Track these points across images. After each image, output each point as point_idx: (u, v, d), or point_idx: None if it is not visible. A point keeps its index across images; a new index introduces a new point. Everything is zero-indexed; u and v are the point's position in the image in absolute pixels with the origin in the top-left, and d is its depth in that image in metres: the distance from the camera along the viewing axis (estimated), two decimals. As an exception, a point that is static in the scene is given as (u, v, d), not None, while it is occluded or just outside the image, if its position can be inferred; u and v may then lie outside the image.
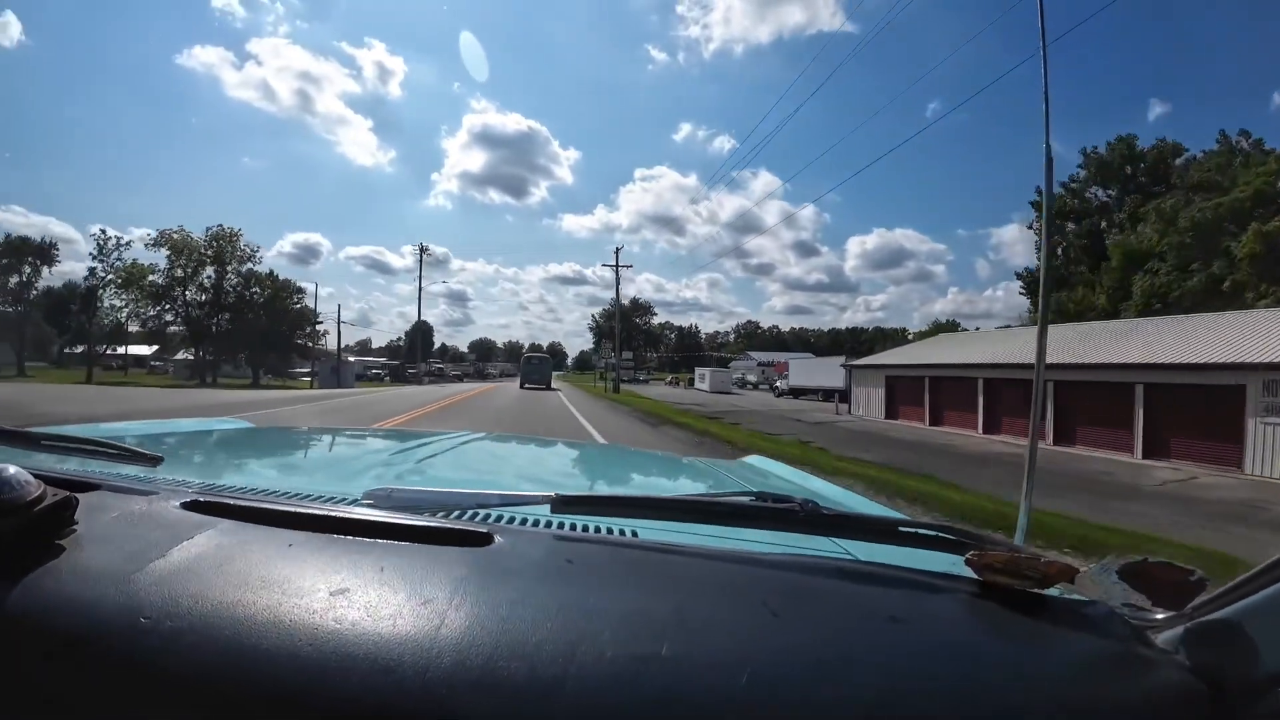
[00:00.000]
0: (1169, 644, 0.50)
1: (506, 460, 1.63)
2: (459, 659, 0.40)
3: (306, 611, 0.43)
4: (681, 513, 0.70)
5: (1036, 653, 0.50)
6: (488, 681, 0.39)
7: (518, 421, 13.79)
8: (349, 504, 0.69)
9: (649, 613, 0.46)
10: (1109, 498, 8.80)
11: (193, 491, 0.66)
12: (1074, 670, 0.47)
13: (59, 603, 0.43)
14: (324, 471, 1.21)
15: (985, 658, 0.48)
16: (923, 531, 0.66)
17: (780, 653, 0.44)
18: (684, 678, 0.40)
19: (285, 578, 0.47)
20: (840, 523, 0.70)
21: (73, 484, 0.57)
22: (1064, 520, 5.89)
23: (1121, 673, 0.47)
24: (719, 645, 0.44)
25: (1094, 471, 11.70)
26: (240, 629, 0.42)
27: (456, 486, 0.74)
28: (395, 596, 0.45)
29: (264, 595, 0.45)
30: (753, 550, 0.63)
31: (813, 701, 0.40)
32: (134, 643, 0.41)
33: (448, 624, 0.43)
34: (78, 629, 0.42)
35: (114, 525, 0.54)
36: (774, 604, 0.50)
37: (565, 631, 0.43)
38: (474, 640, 0.41)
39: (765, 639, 0.45)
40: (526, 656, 0.40)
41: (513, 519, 0.70)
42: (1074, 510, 6.75)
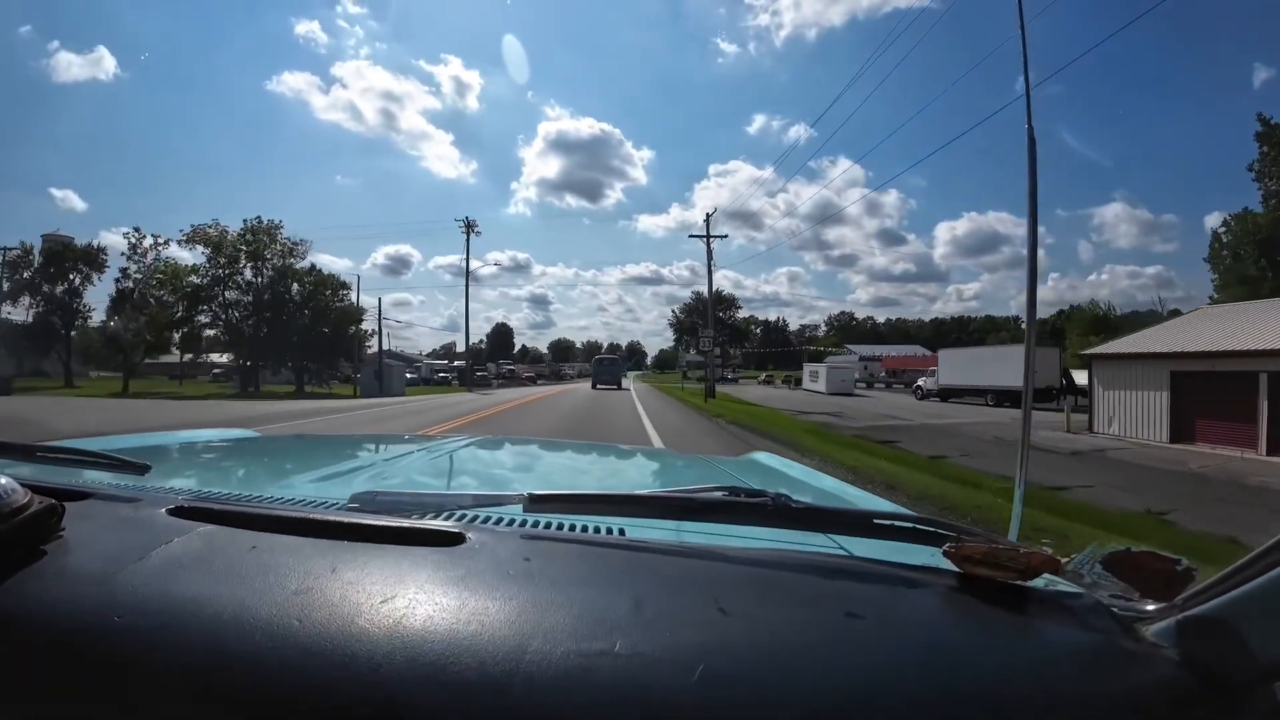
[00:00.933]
0: (1159, 637, 0.48)
1: (494, 462, 1.63)
2: (412, 656, 0.41)
3: (270, 609, 0.45)
4: (652, 508, 0.70)
5: (1018, 646, 0.48)
6: (438, 678, 0.39)
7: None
8: (337, 508, 0.71)
9: (607, 608, 0.47)
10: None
11: (180, 498, 0.67)
12: (1059, 665, 0.46)
13: (41, 605, 0.45)
14: (315, 477, 1.21)
15: (962, 652, 0.47)
16: (899, 524, 0.65)
17: (737, 649, 0.43)
18: (635, 674, 0.40)
19: (252, 578, 0.49)
20: (811, 516, 0.69)
21: (61, 493, 0.59)
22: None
23: (1110, 667, 0.46)
24: (674, 641, 0.43)
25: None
26: (206, 626, 0.43)
27: (442, 488, 0.77)
28: (356, 595, 0.46)
29: (231, 594, 0.46)
30: (724, 545, 0.63)
31: (765, 699, 0.40)
32: (108, 641, 0.43)
33: (405, 622, 0.44)
34: (58, 629, 0.44)
35: (99, 531, 0.56)
36: (735, 599, 0.49)
37: (520, 628, 0.44)
38: (429, 638, 0.42)
39: (723, 635, 0.45)
40: (477, 653, 0.41)
41: (486, 518, 0.70)
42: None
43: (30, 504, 0.50)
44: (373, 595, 0.46)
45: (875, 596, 0.53)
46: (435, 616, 0.44)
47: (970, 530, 0.63)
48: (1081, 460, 11.31)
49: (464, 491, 0.71)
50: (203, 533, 0.56)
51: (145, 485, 0.80)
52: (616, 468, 1.74)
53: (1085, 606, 0.53)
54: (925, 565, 0.58)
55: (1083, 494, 7.48)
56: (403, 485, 1.05)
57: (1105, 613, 0.51)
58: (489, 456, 1.69)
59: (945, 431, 15.04)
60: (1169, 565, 0.53)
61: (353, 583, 0.48)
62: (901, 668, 0.44)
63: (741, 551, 0.60)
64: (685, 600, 0.49)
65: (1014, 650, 0.47)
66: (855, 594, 0.53)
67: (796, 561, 0.59)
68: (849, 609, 0.49)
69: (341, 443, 1.90)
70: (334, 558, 0.52)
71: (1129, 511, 6.61)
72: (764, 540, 0.66)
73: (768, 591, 0.53)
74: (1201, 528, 5.83)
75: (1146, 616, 0.50)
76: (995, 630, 0.50)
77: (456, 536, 0.57)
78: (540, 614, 0.45)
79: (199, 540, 0.55)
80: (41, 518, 0.51)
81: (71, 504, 0.57)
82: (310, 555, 0.53)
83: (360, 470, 1.21)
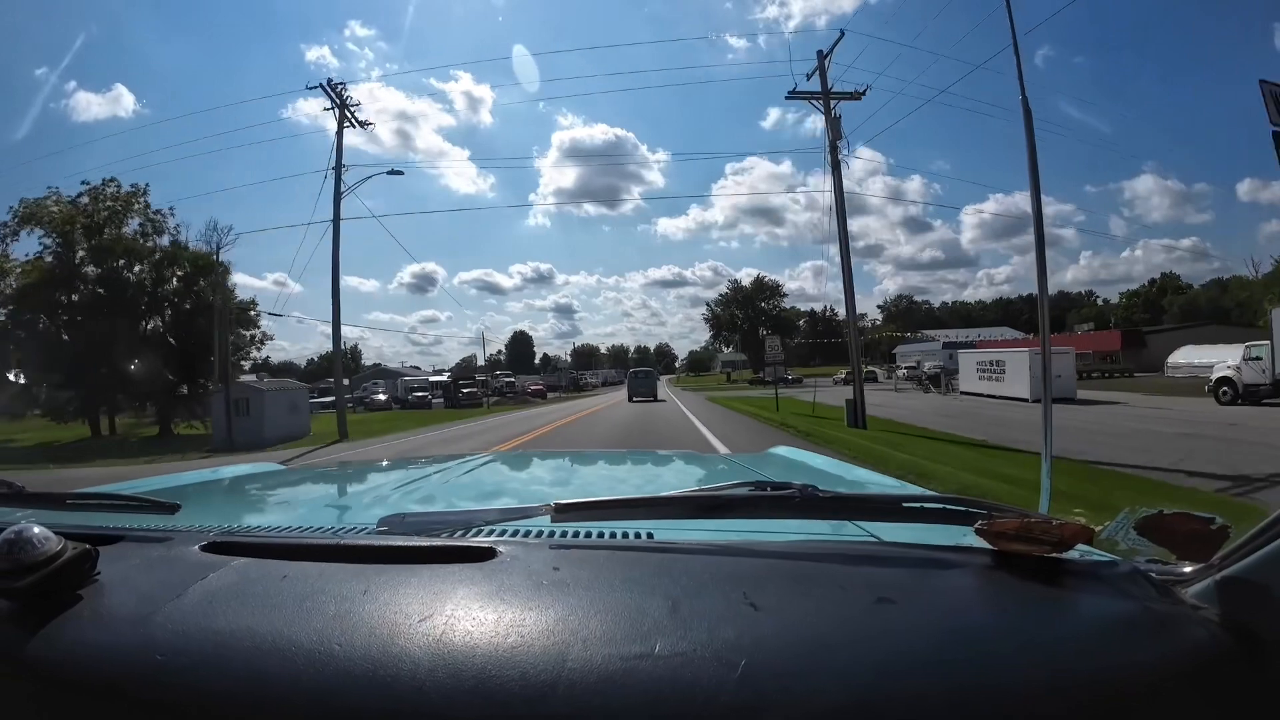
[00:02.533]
0: (1198, 598, 0.48)
1: (518, 477, 1.64)
2: (454, 672, 0.41)
3: (309, 636, 0.45)
4: (680, 509, 0.70)
5: (1056, 618, 0.48)
6: (482, 692, 0.40)
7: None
8: (365, 533, 0.71)
9: (642, 611, 0.47)
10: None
11: (211, 535, 0.68)
12: (1098, 633, 0.45)
13: (79, 650, 0.46)
14: (341, 504, 1.23)
15: (1000, 628, 0.47)
16: (928, 506, 0.65)
17: (776, 642, 0.44)
18: (677, 674, 0.41)
19: (290, 606, 0.49)
20: (839, 504, 0.69)
21: (95, 537, 0.60)
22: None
23: (1149, 631, 0.45)
24: (713, 639, 0.43)
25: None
26: (248, 658, 0.44)
27: (468, 506, 0.78)
28: (394, 616, 0.47)
29: (270, 624, 0.47)
30: (753, 541, 0.63)
31: (808, 690, 0.40)
32: (151, 681, 0.43)
33: (444, 639, 0.44)
34: (98, 672, 0.44)
35: (133, 572, 0.57)
36: (769, 593, 0.50)
37: (558, 636, 0.44)
38: (469, 653, 0.43)
39: (761, 629, 0.45)
40: (519, 664, 0.41)
41: (515, 531, 0.70)
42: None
43: (64, 550, 0.51)
44: (409, 615, 0.47)
45: (908, 580, 0.53)
46: (473, 631, 0.45)
47: (1001, 507, 0.62)
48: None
49: (490, 507, 0.72)
50: (236, 566, 0.57)
51: (175, 524, 0.81)
52: (639, 472, 1.74)
53: (1121, 574, 0.52)
54: (957, 545, 0.59)
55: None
56: (428, 506, 1.06)
57: (1142, 578, 0.51)
58: (511, 471, 1.69)
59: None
60: (1203, 525, 0.52)
61: (388, 604, 0.49)
62: (939, 648, 0.44)
63: (771, 545, 0.60)
64: (720, 598, 0.49)
65: (1052, 622, 0.47)
66: (888, 579, 0.53)
67: (827, 551, 0.59)
68: (882, 594, 0.50)
69: (365, 469, 1.90)
70: (367, 580, 0.53)
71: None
72: (792, 533, 0.66)
73: (801, 583, 0.53)
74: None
75: (1184, 579, 0.50)
76: (1032, 604, 0.50)
77: (487, 552, 0.58)
78: (577, 621, 0.45)
79: (233, 574, 0.56)
80: (76, 563, 0.52)
81: (104, 548, 0.58)
82: (344, 580, 0.53)
83: (385, 494, 1.21)
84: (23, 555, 0.49)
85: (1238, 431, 11.28)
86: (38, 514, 0.80)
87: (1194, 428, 11.97)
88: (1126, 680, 0.41)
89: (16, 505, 0.85)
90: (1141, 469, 7.64)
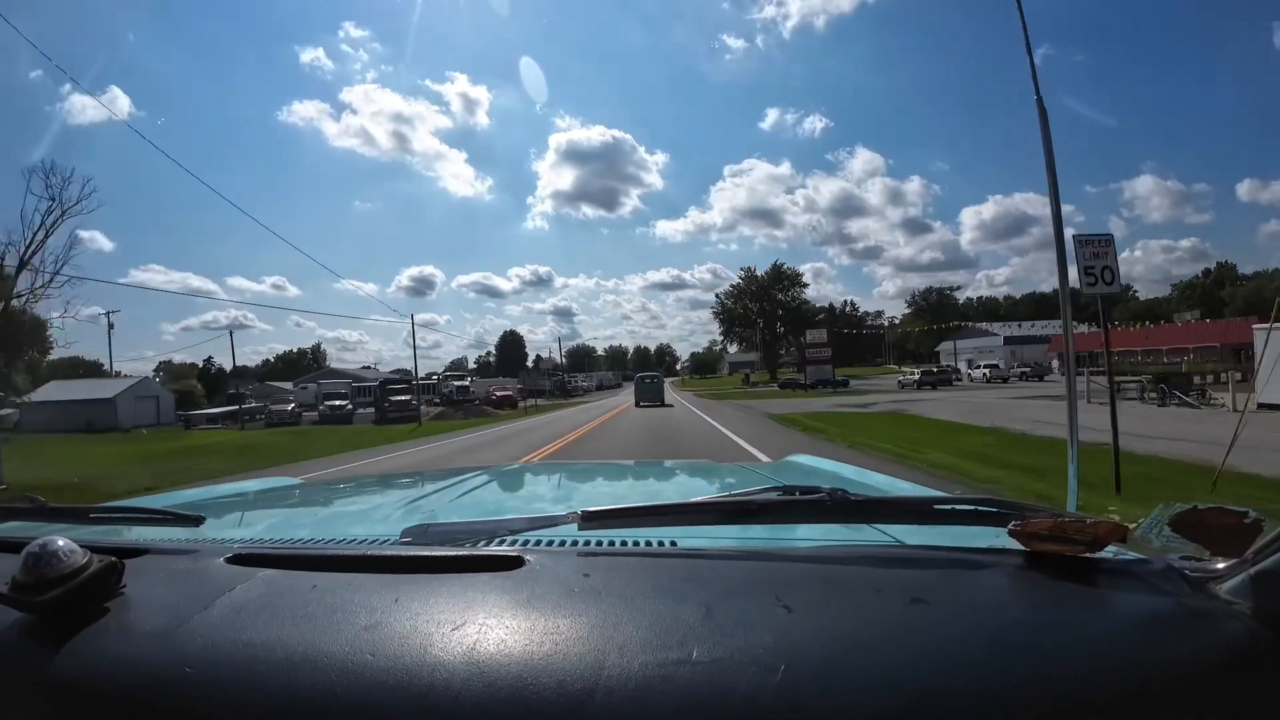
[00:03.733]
0: (1233, 594, 0.47)
1: (538, 486, 1.63)
2: (489, 681, 0.41)
3: (341, 647, 0.45)
4: (708, 515, 0.69)
5: (1092, 618, 0.48)
6: (518, 700, 0.40)
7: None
8: (390, 544, 0.71)
9: (678, 618, 0.47)
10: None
11: (235, 547, 0.68)
12: (1134, 632, 0.45)
13: (107, 662, 0.45)
14: (364, 516, 1.23)
15: (1035, 629, 0.47)
16: (960, 507, 0.65)
17: (814, 646, 0.43)
18: (716, 679, 0.40)
19: (320, 617, 0.49)
20: (871, 507, 0.68)
21: (119, 550, 0.59)
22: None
23: (1186, 629, 0.45)
24: (751, 643, 0.43)
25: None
26: (280, 669, 0.43)
27: (491, 516, 0.77)
28: (426, 626, 0.47)
29: (300, 635, 0.47)
30: (785, 546, 0.62)
31: (848, 693, 0.40)
32: (181, 693, 0.43)
33: (478, 648, 0.44)
34: (126, 685, 0.44)
35: (159, 585, 0.57)
36: (802, 597, 0.49)
37: (594, 644, 0.44)
38: (504, 661, 0.42)
39: (798, 633, 0.45)
40: (555, 672, 0.41)
41: (541, 540, 0.70)
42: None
43: (90, 563, 0.51)
44: (442, 624, 0.46)
45: (941, 582, 0.53)
46: (507, 640, 0.44)
47: (1034, 507, 0.61)
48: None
49: (515, 515, 0.71)
50: (263, 577, 0.57)
51: (200, 536, 0.81)
52: (660, 480, 1.73)
53: (1155, 571, 0.52)
54: (988, 547, 0.58)
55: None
56: (452, 516, 1.05)
57: (1176, 575, 0.51)
58: (532, 480, 1.69)
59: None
60: (1237, 519, 0.52)
61: (420, 614, 0.48)
62: (979, 648, 0.43)
63: (800, 550, 0.60)
64: (754, 603, 0.49)
65: (1089, 621, 0.47)
66: (921, 581, 0.53)
67: (858, 555, 0.59)
68: (916, 595, 0.49)
69: (386, 482, 1.88)
70: (397, 590, 0.53)
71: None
72: (817, 539, 0.65)
73: (833, 586, 0.53)
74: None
75: (1218, 575, 0.50)
76: (1068, 603, 0.49)
77: (515, 560, 0.57)
78: (611, 628, 0.45)
79: (261, 585, 0.55)
80: (101, 576, 0.52)
81: (130, 560, 0.58)
82: (373, 591, 0.53)
83: (407, 506, 1.20)
84: (48, 569, 0.49)
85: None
86: (60, 528, 0.79)
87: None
88: (1163, 677, 0.41)
89: (39, 519, 0.85)
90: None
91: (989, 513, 0.61)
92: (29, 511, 0.84)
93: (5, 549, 0.66)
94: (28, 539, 0.53)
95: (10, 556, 0.54)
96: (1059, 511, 0.59)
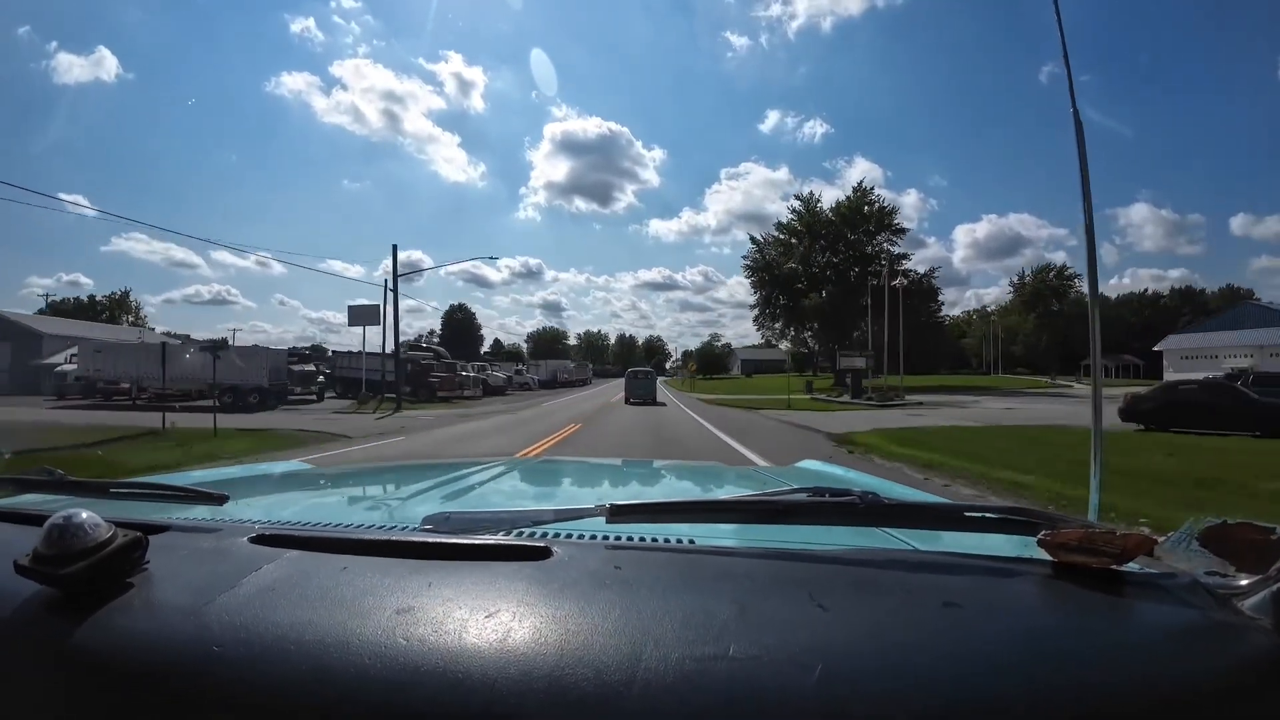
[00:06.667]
0: (1255, 610, 0.48)
1: (559, 479, 1.62)
2: (525, 670, 0.41)
3: (373, 631, 0.44)
4: (737, 514, 0.69)
5: (1117, 630, 0.48)
6: (555, 689, 0.39)
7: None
8: (413, 529, 0.70)
9: (712, 614, 0.47)
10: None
11: (258, 527, 0.68)
12: (1158, 645, 0.46)
13: (132, 638, 0.45)
14: (384, 502, 1.23)
15: (1063, 639, 0.47)
16: (990, 515, 0.65)
17: (850, 646, 0.43)
18: (753, 676, 0.40)
19: (351, 600, 0.49)
20: (903, 512, 0.68)
21: (143, 526, 0.59)
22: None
23: (1208, 644, 0.46)
24: (787, 641, 0.43)
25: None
26: (310, 651, 0.43)
27: (512, 506, 0.78)
28: (459, 612, 0.46)
29: (331, 618, 0.46)
30: (811, 547, 0.62)
31: (885, 694, 0.40)
32: (208, 672, 0.42)
33: (512, 636, 0.44)
34: (151, 662, 0.43)
35: (184, 562, 0.57)
36: (835, 597, 0.50)
37: (628, 636, 0.43)
38: (539, 650, 0.42)
39: (834, 633, 0.45)
40: (591, 663, 0.41)
41: (569, 533, 0.69)
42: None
43: (114, 538, 0.51)
44: (475, 610, 0.46)
45: (971, 588, 0.53)
46: (542, 628, 0.44)
47: (1063, 518, 0.62)
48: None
49: (541, 507, 0.70)
50: (290, 558, 0.57)
51: (223, 515, 0.80)
52: (675, 481, 1.72)
53: (1181, 585, 0.52)
54: (1017, 556, 0.59)
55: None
56: (470, 506, 1.04)
57: (1201, 590, 0.52)
58: (552, 473, 1.69)
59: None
60: (1264, 536, 0.52)
61: (451, 599, 0.48)
62: (1012, 652, 0.44)
63: (830, 551, 0.60)
64: (788, 602, 0.49)
65: (1113, 634, 0.47)
66: (951, 586, 0.53)
67: (888, 558, 0.59)
68: (946, 600, 0.49)
69: (402, 470, 1.90)
70: (428, 576, 0.52)
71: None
72: (836, 543, 0.65)
73: (865, 588, 0.53)
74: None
75: (1241, 591, 0.50)
76: (1093, 615, 0.50)
77: (542, 551, 0.57)
78: (645, 622, 0.45)
79: (289, 566, 0.55)
80: (126, 551, 0.51)
81: (153, 537, 0.57)
82: (403, 575, 0.53)
83: (426, 493, 1.20)
84: (73, 541, 0.48)
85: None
86: (81, 502, 0.78)
87: None
88: (1186, 691, 0.42)
89: (57, 492, 0.84)
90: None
91: (1019, 522, 0.62)
92: (49, 484, 0.83)
93: (26, 521, 0.65)
94: (48, 512, 0.52)
95: (31, 529, 0.54)
96: (1089, 523, 0.60)
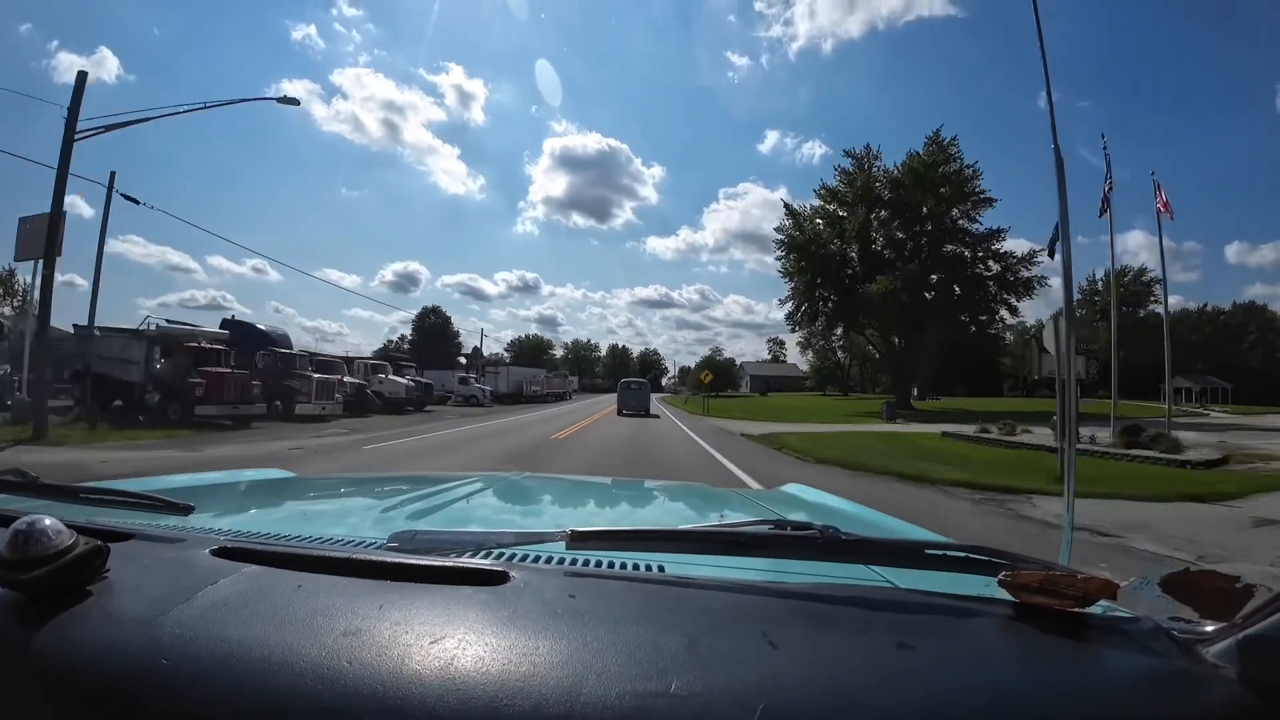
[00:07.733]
0: (1220, 657, 0.47)
1: (531, 499, 1.60)
2: (464, 699, 0.40)
3: (319, 652, 0.44)
4: (699, 544, 0.69)
5: (1078, 674, 0.47)
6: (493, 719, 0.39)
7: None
8: (376, 547, 0.70)
9: (660, 647, 0.46)
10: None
11: (222, 539, 0.68)
12: (1120, 691, 0.45)
13: (86, 647, 0.45)
14: (353, 517, 1.22)
15: (1020, 682, 0.46)
16: (951, 554, 0.64)
17: (795, 685, 0.43)
18: (695, 715, 0.40)
19: (301, 620, 0.48)
20: (861, 547, 0.68)
21: (106, 534, 0.59)
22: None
23: (1171, 691, 0.45)
24: (731, 679, 0.43)
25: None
26: (256, 669, 0.43)
27: (479, 527, 0.78)
28: (405, 636, 0.46)
29: (280, 636, 0.46)
30: (775, 580, 0.62)
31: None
32: (155, 685, 0.42)
33: (455, 664, 0.43)
34: (101, 672, 0.43)
35: (144, 572, 0.57)
36: (788, 634, 0.49)
37: (572, 669, 0.43)
38: (481, 679, 0.42)
39: (780, 671, 0.44)
40: (530, 695, 0.40)
41: (527, 556, 0.69)
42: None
43: (75, 545, 0.51)
44: (422, 636, 0.46)
45: (929, 628, 0.53)
46: (486, 657, 0.44)
47: (1025, 558, 0.61)
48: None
49: (503, 530, 0.70)
50: (248, 573, 0.57)
51: (188, 525, 0.80)
52: (651, 503, 1.71)
53: (1143, 631, 0.52)
54: (978, 595, 0.58)
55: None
56: (440, 523, 1.04)
57: (1164, 636, 0.51)
58: (524, 493, 1.65)
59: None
60: (1228, 584, 0.52)
61: (400, 623, 0.48)
62: (961, 700, 0.43)
63: (790, 586, 0.59)
64: (739, 637, 0.48)
65: (1073, 678, 0.47)
66: (909, 626, 0.52)
67: (846, 594, 0.58)
68: (902, 640, 0.49)
69: (378, 482, 1.87)
70: (380, 598, 0.52)
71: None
72: (806, 574, 0.65)
73: (820, 626, 0.52)
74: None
75: (1205, 637, 0.50)
76: (1054, 659, 0.49)
77: (500, 575, 0.57)
78: (591, 654, 0.45)
79: (244, 581, 0.55)
80: (87, 559, 0.51)
81: (115, 545, 0.57)
82: (356, 596, 0.53)
83: (397, 509, 1.20)
84: (34, 548, 0.49)
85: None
86: (49, 506, 0.79)
87: None
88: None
89: (28, 495, 0.84)
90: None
91: (980, 561, 0.61)
92: (19, 486, 0.84)
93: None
94: (15, 515, 0.52)
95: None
96: (1050, 564, 0.59)
